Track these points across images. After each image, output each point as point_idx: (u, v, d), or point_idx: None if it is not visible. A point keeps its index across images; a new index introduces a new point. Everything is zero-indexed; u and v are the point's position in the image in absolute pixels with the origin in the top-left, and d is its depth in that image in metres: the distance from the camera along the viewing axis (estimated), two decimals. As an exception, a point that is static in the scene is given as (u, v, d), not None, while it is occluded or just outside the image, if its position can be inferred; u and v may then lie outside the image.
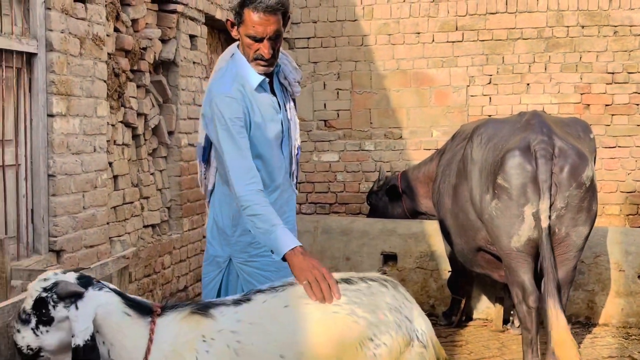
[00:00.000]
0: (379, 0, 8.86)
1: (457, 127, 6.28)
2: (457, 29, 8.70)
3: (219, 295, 3.29)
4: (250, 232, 3.03)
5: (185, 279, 6.47)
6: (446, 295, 6.28)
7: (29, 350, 2.54)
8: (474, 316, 6.31)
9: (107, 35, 5.11)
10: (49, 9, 4.40)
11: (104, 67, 4.98)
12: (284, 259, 2.84)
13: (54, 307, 2.49)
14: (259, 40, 3.08)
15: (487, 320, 6.23)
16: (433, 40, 8.76)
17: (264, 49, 3.09)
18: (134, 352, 2.54)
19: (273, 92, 3.26)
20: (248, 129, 3.09)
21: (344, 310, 2.61)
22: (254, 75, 3.15)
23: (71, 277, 2.55)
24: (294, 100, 3.39)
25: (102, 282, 2.62)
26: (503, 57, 8.61)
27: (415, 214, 7.20)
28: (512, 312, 5.80)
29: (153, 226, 6.06)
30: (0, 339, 3.50)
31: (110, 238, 5.07)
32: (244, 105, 3.08)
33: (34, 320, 2.51)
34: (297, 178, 3.42)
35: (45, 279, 2.54)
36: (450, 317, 6.10)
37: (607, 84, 8.39)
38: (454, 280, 6.05)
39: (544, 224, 4.31)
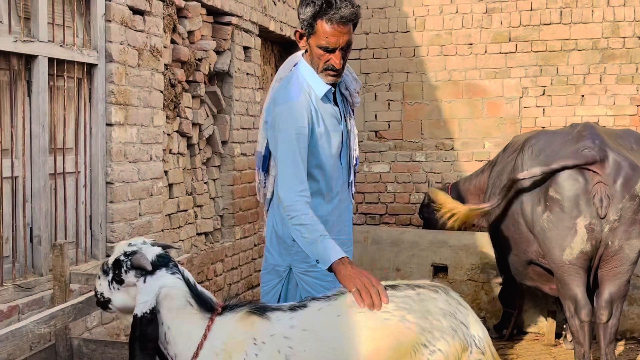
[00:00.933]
0: (431, 12, 8.87)
1: (510, 139, 6.24)
2: (510, 40, 8.65)
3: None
4: None
5: (237, 287, 6.56)
6: (497, 308, 6.22)
7: (101, 297, 2.76)
8: (526, 330, 6.24)
9: (164, 47, 5.24)
10: (109, 21, 4.53)
11: (160, 78, 5.11)
12: (330, 269, 2.85)
13: (125, 272, 2.66)
14: (331, 50, 3.07)
15: (539, 334, 6.15)
16: (486, 51, 8.73)
17: (336, 59, 3.08)
18: (188, 342, 2.62)
19: (335, 103, 3.26)
20: (309, 137, 3.08)
21: (394, 317, 2.60)
22: (320, 85, 3.15)
23: (152, 253, 2.67)
24: (352, 111, 3.39)
25: (179, 267, 2.71)
26: (557, 68, 8.53)
27: (468, 225, 7.15)
28: (564, 326, 5.73)
29: (206, 234, 6.17)
30: (59, 341, 3.63)
31: (164, 245, 5.16)
32: (309, 114, 3.08)
33: (110, 275, 2.71)
34: (354, 188, 3.43)
35: (130, 244, 2.71)
36: (501, 331, 6.04)
37: (664, 95, 8.24)
38: (505, 292, 6.00)
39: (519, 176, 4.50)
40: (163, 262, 2.67)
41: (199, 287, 2.72)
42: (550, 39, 8.51)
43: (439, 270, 6.64)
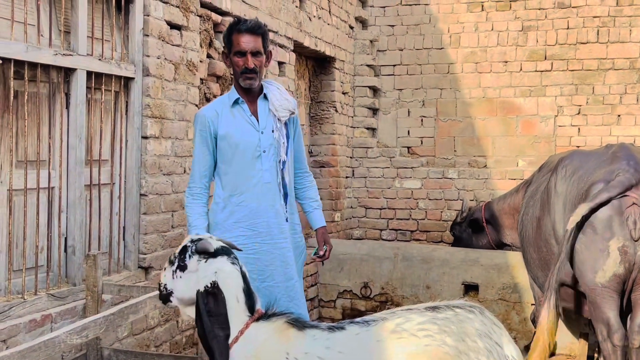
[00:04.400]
0: (466, 29, 8.86)
1: (544, 158, 6.20)
2: (546, 58, 8.59)
3: None
4: None
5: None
6: (528, 328, 6.16)
7: (164, 289, 2.90)
8: (557, 351, 6.16)
9: (200, 61, 5.31)
10: (147, 35, 4.61)
11: (196, 92, 5.17)
12: None
13: (189, 256, 2.85)
14: (244, 54, 3.79)
15: (570, 356, 6.07)
16: (521, 69, 8.69)
17: (247, 61, 3.79)
18: None
19: (257, 115, 3.91)
20: (214, 137, 3.84)
21: (435, 342, 2.60)
22: (233, 96, 3.88)
23: (217, 244, 2.90)
24: (286, 125, 3.96)
25: (239, 263, 2.88)
26: (593, 88, 8.45)
27: (501, 245, 7.10)
28: (596, 349, 5.64)
29: (237, 247, 6.19)
30: (90, 351, 3.68)
31: (195, 257, 5.21)
32: (210, 119, 3.83)
33: (175, 264, 2.88)
34: (285, 188, 3.92)
35: (197, 235, 3.01)
36: (531, 351, 5.97)
37: (703, 116, 8.12)
38: (537, 313, 5.93)
39: (570, 225, 4.26)
40: (225, 251, 2.87)
41: (252, 285, 2.85)
42: (586, 57, 8.44)
43: (470, 289, 6.60)
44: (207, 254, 2.82)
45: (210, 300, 2.74)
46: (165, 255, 4.83)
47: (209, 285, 2.75)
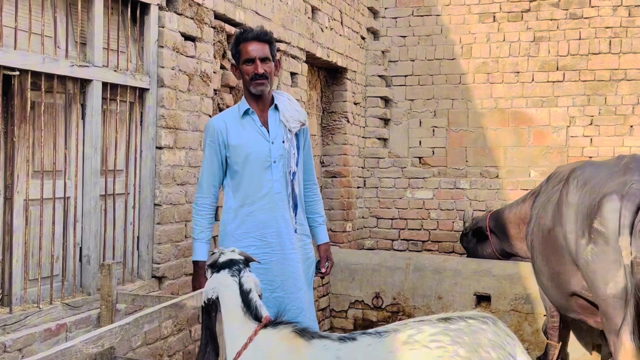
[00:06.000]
0: (478, 39, 8.89)
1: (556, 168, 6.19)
2: (557, 69, 8.60)
3: None
4: None
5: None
6: (541, 340, 6.15)
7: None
8: (570, 362, 6.14)
9: (214, 72, 5.35)
10: (162, 47, 4.66)
11: (209, 103, 5.21)
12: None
13: (208, 269, 3.17)
14: (252, 61, 3.87)
15: (583, 367, 6.06)
16: (533, 80, 8.70)
17: (256, 67, 3.86)
18: (232, 344, 2.86)
19: (267, 126, 3.95)
20: (224, 148, 3.92)
21: (447, 353, 2.61)
22: (243, 106, 3.95)
23: (228, 257, 3.11)
24: (296, 136, 4.01)
25: (242, 273, 3.03)
26: (605, 98, 8.45)
27: (505, 254, 7.10)
28: (609, 360, 5.63)
29: (249, 257, 6.21)
30: None
31: (208, 267, 5.24)
32: (219, 130, 3.91)
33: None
34: (295, 199, 3.97)
35: (219, 249, 3.23)
36: (544, 363, 5.96)
37: None
38: (548, 324, 5.92)
39: (626, 260, 4.20)
40: (228, 264, 3.04)
41: (253, 295, 2.93)
42: (598, 68, 8.45)
43: (482, 300, 6.60)
44: (213, 268, 3.07)
45: (204, 313, 2.97)
46: (179, 265, 4.86)
47: (206, 301, 2.97)
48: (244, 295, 2.93)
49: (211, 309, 2.94)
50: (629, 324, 4.26)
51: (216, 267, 3.05)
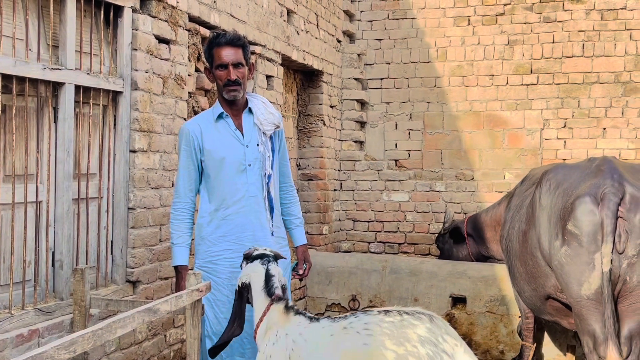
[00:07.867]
0: (453, 43, 8.94)
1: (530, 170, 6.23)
2: (532, 72, 8.68)
3: None
4: None
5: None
6: (516, 341, 6.18)
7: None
8: (544, 364, 6.19)
9: (189, 75, 5.33)
10: (135, 49, 4.62)
11: (184, 106, 5.19)
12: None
13: (242, 261, 3.67)
14: (225, 66, 3.87)
15: (557, 368, 6.10)
16: (507, 83, 8.76)
17: (230, 73, 3.87)
18: (258, 314, 3.43)
19: (241, 129, 3.97)
20: (199, 152, 3.93)
21: (374, 342, 2.88)
22: (217, 110, 3.96)
23: (260, 251, 3.59)
24: (271, 138, 4.02)
25: (272, 264, 3.53)
26: (579, 101, 8.53)
27: (481, 257, 7.13)
28: (583, 361, 5.67)
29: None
30: (78, 365, 3.65)
31: (183, 270, 5.20)
32: (194, 134, 3.92)
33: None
34: (270, 202, 4.01)
35: (256, 247, 3.67)
36: (519, 364, 5.99)
37: (687, 130, 8.21)
38: (523, 326, 5.95)
39: (605, 268, 4.24)
40: (260, 257, 3.55)
41: (274, 280, 3.47)
42: (572, 71, 8.53)
43: (458, 302, 6.62)
44: (248, 259, 3.57)
45: (236, 296, 3.53)
46: (153, 269, 4.83)
47: (238, 286, 3.52)
48: (268, 279, 3.44)
49: (244, 290, 3.50)
50: (613, 337, 4.29)
51: (250, 258, 3.56)
